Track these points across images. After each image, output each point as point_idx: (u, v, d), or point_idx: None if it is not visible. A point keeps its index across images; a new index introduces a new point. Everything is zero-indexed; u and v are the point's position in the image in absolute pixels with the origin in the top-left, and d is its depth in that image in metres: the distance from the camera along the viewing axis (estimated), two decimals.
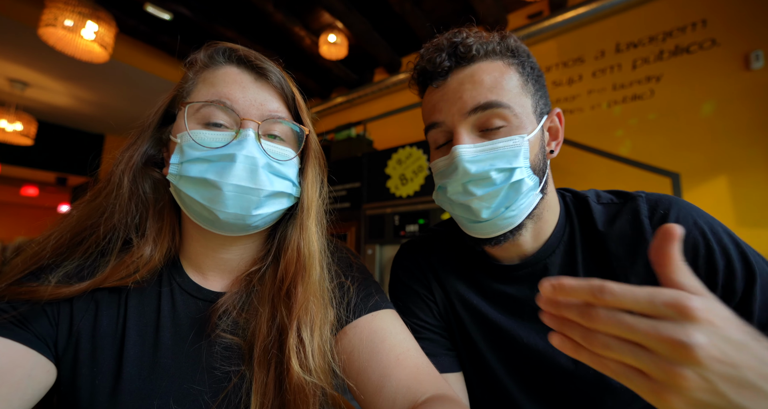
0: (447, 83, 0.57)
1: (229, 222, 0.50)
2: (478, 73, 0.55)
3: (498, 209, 0.54)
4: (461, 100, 0.54)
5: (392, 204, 2.81)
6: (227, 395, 0.49)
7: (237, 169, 0.48)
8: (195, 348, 0.51)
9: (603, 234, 0.56)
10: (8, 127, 3.58)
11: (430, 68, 0.58)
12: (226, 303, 0.53)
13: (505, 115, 0.53)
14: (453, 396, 0.48)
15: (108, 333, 0.49)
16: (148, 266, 0.51)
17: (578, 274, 0.57)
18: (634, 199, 0.57)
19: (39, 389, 0.44)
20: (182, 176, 0.49)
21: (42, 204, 7.99)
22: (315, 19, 3.23)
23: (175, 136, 0.51)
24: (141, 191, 0.53)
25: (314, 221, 0.56)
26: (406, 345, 0.54)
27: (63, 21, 2.26)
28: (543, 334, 0.58)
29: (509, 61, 0.56)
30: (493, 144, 0.53)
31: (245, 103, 0.51)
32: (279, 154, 0.52)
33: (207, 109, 0.50)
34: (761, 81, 2.02)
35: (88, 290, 0.48)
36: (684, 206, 0.53)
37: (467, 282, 0.64)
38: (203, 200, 0.48)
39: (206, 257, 0.56)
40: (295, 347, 0.49)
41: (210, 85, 0.52)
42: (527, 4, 2.94)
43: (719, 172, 2.09)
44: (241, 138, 0.49)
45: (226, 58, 0.54)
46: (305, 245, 0.54)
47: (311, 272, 0.54)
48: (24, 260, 0.49)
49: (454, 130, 0.55)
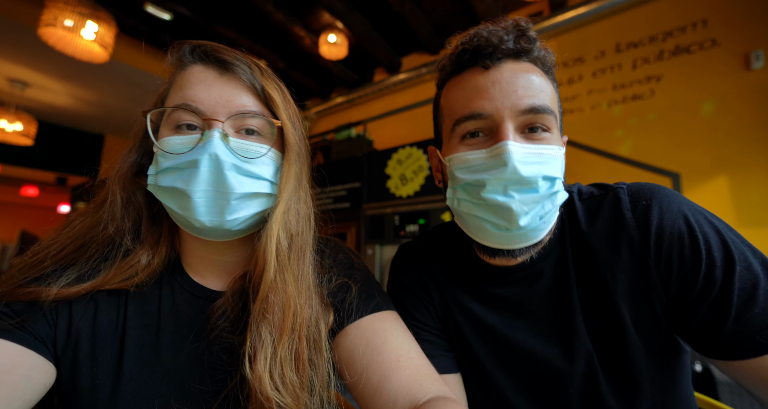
0: (500, 69, 0.52)
1: (207, 228, 0.49)
2: (532, 72, 0.52)
3: (535, 217, 0.50)
4: (516, 94, 0.50)
5: (392, 204, 2.81)
6: (228, 394, 0.49)
7: (202, 175, 0.46)
8: (196, 348, 0.51)
9: (586, 233, 0.55)
10: (8, 127, 3.58)
11: (491, 43, 0.52)
12: (224, 304, 0.53)
13: (551, 124, 0.51)
14: (453, 398, 0.48)
15: (108, 333, 0.49)
16: (146, 271, 0.51)
17: (570, 275, 0.56)
18: (615, 191, 0.55)
19: (38, 389, 0.44)
20: (158, 187, 0.49)
21: (42, 204, 7.99)
22: (315, 19, 3.23)
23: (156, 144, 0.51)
24: (134, 200, 0.53)
25: (280, 215, 0.51)
26: (407, 347, 0.54)
27: (63, 21, 2.26)
28: (539, 336, 0.57)
29: (547, 73, 0.55)
30: (539, 148, 0.50)
31: (210, 102, 0.49)
32: (250, 152, 0.49)
33: (175, 114, 0.50)
34: (761, 81, 2.02)
35: (86, 292, 0.49)
36: (666, 195, 0.52)
37: (462, 286, 0.64)
38: (178, 209, 0.48)
39: (203, 259, 0.56)
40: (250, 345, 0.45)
41: (178, 88, 0.51)
42: (527, 4, 2.94)
43: (719, 172, 2.09)
44: (205, 139, 0.47)
45: (192, 56, 0.53)
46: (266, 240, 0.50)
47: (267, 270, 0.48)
48: (24, 269, 0.49)
49: (501, 124, 0.50)
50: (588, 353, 0.53)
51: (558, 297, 0.56)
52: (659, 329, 0.51)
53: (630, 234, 0.51)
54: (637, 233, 0.51)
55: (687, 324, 0.49)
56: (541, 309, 0.58)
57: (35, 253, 0.50)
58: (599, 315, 0.53)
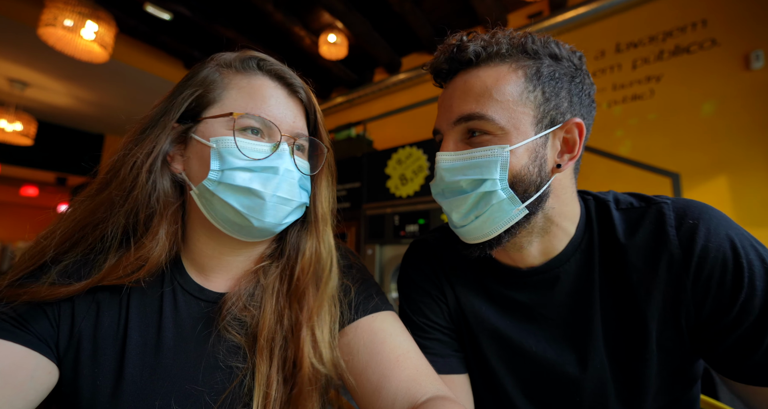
0: (446, 88, 0.58)
1: (261, 229, 0.53)
2: (471, 81, 0.54)
3: (467, 215, 0.54)
4: (450, 109, 0.55)
5: (392, 204, 2.81)
6: (229, 395, 0.49)
7: (279, 182, 0.51)
8: (197, 349, 0.51)
9: (624, 245, 0.53)
10: (8, 127, 3.58)
11: (431, 71, 0.59)
12: (234, 296, 0.54)
13: (488, 127, 0.52)
14: (452, 398, 0.48)
15: (109, 334, 0.49)
16: (151, 265, 0.50)
17: (594, 284, 0.55)
18: (659, 205, 0.54)
19: (41, 390, 0.44)
20: (221, 183, 0.49)
21: (42, 204, 8.00)
22: (315, 19, 3.23)
23: (207, 139, 0.50)
24: (160, 189, 0.51)
25: (330, 229, 0.60)
26: (405, 346, 0.54)
27: (63, 21, 2.26)
28: (552, 342, 0.56)
29: (521, 63, 0.53)
30: (470, 153, 0.53)
31: (281, 118, 0.54)
32: (305, 169, 0.57)
33: (247, 120, 0.51)
34: (761, 81, 2.02)
35: (87, 288, 0.48)
36: (715, 216, 0.50)
37: (475, 287, 0.63)
38: (242, 208, 0.50)
39: (213, 258, 0.56)
40: (310, 341, 0.52)
41: (247, 94, 0.53)
42: (527, 4, 2.94)
43: (719, 172, 2.09)
44: (279, 152, 0.52)
45: (259, 68, 0.55)
46: (325, 250, 0.58)
47: (332, 277, 0.57)
48: (28, 258, 0.49)
49: (444, 137, 0.56)
50: (601, 363, 0.53)
51: (577, 304, 0.56)
52: (681, 349, 0.51)
53: (671, 252, 0.50)
54: (679, 251, 0.50)
55: (714, 348, 0.48)
56: (556, 314, 0.57)
57: (41, 239, 0.50)
58: (622, 328, 0.53)
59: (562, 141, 0.55)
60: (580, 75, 0.56)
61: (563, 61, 0.55)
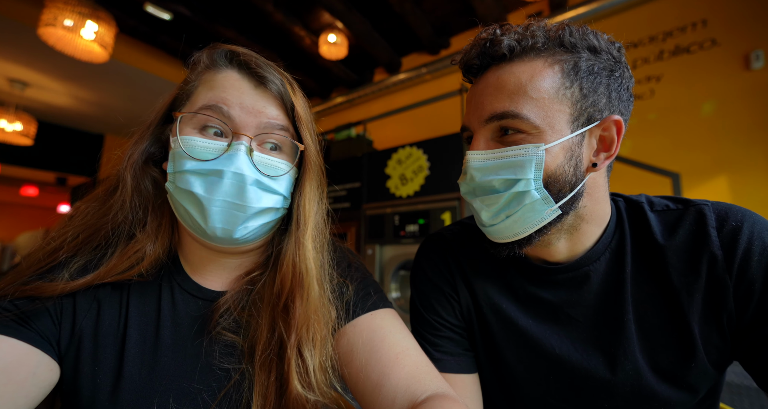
0: (477, 83, 0.55)
1: (216, 236, 0.49)
2: (504, 76, 0.51)
3: (498, 214, 0.52)
4: (481, 106, 0.52)
5: (392, 204, 2.80)
6: (227, 393, 0.50)
7: (225, 186, 0.47)
8: (195, 347, 0.51)
9: (662, 246, 0.52)
10: (8, 127, 3.58)
11: (462, 66, 0.56)
12: (228, 301, 0.53)
13: (520, 126, 0.49)
14: (452, 396, 0.48)
15: (110, 332, 0.49)
16: (149, 258, 0.51)
17: (625, 284, 0.53)
18: (698, 207, 0.52)
19: (43, 387, 0.44)
20: (176, 187, 0.49)
21: (42, 204, 7.99)
22: (315, 19, 3.23)
23: (171, 138, 0.51)
24: (143, 187, 0.53)
25: (310, 238, 0.54)
26: (405, 344, 0.54)
27: (63, 21, 2.26)
28: (578, 343, 0.54)
29: (557, 57, 0.50)
30: (502, 152, 0.50)
31: (241, 112, 0.50)
32: (271, 168, 0.51)
33: (204, 115, 0.50)
34: (761, 81, 2.02)
35: (92, 284, 0.48)
36: (758, 220, 0.49)
37: (498, 283, 0.61)
38: (195, 213, 0.49)
39: (204, 259, 0.56)
40: (296, 364, 0.49)
41: (209, 88, 0.52)
42: (527, 4, 2.94)
43: (719, 172, 2.09)
44: (232, 152, 0.48)
45: (228, 61, 0.54)
46: (301, 261, 0.53)
47: (310, 290, 0.52)
48: (39, 259, 0.49)
49: (474, 135, 0.54)
50: (634, 366, 0.51)
51: (606, 305, 0.54)
52: (724, 353, 0.50)
53: (713, 253, 0.48)
54: (721, 253, 0.48)
55: (755, 354, 0.47)
56: (582, 315, 0.55)
57: (48, 242, 0.50)
58: (662, 331, 0.51)
59: (598, 139, 0.53)
60: (620, 68, 0.53)
61: (602, 54, 0.51)
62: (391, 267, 2.68)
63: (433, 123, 3.35)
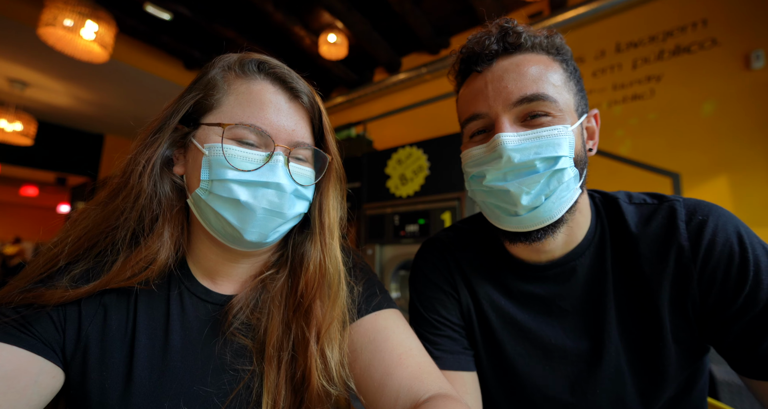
0: (491, 70, 0.56)
1: (252, 241, 0.51)
2: (524, 64, 0.54)
3: (538, 196, 0.52)
4: (506, 90, 0.53)
5: (392, 204, 2.80)
6: (237, 396, 0.50)
7: (269, 195, 0.50)
8: (206, 350, 0.51)
9: (635, 236, 0.56)
10: (8, 127, 3.58)
11: (477, 50, 0.57)
12: (240, 303, 0.53)
13: (550, 108, 0.52)
14: (455, 396, 0.48)
15: (117, 337, 0.49)
16: (156, 265, 0.50)
17: (607, 276, 0.57)
18: (671, 202, 0.56)
19: (45, 394, 0.44)
20: (212, 193, 0.49)
21: (42, 204, 7.99)
22: (315, 19, 3.23)
23: (202, 145, 0.50)
24: (161, 193, 0.52)
25: (337, 240, 0.58)
26: (408, 344, 0.54)
27: (62, 21, 2.26)
28: (568, 332, 0.58)
29: (554, 57, 0.57)
30: (536, 133, 0.52)
31: (278, 126, 0.52)
32: (303, 178, 0.54)
33: (240, 130, 0.50)
34: (761, 81, 2.02)
35: (95, 291, 0.48)
36: (723, 214, 0.53)
37: (495, 283, 0.64)
38: (233, 219, 0.49)
39: (217, 263, 0.56)
40: (319, 361, 0.51)
41: (245, 101, 0.51)
42: (527, 4, 2.94)
43: (720, 172, 2.09)
44: (272, 163, 0.50)
45: (260, 71, 0.54)
46: (330, 263, 0.56)
47: (339, 290, 0.55)
48: (40, 265, 0.49)
49: (497, 119, 0.53)
50: (616, 351, 0.55)
51: (591, 295, 0.57)
52: (692, 338, 0.53)
53: (681, 244, 0.52)
54: (687, 244, 0.52)
55: (722, 338, 0.50)
56: (571, 306, 0.59)
57: (50, 248, 0.50)
58: (636, 317, 0.55)
59: (586, 129, 0.60)
60: (580, 74, 0.62)
61: (573, 61, 0.60)
62: (391, 267, 2.68)
63: (433, 123, 3.35)
